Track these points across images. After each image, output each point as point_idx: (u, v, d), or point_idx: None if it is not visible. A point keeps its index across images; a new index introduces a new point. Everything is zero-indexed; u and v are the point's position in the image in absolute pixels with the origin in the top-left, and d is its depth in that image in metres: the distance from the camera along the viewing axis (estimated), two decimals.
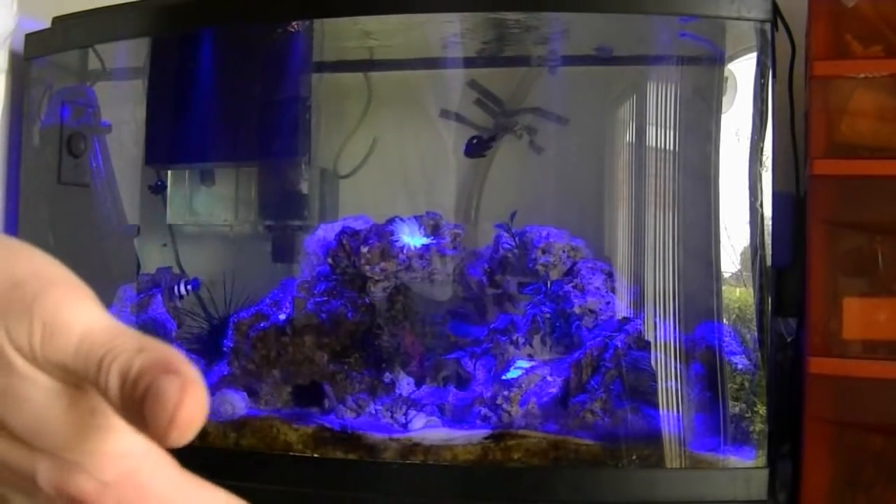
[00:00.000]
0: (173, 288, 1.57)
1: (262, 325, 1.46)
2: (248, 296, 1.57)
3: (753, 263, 1.27)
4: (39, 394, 0.37)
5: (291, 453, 1.33)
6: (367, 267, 1.44)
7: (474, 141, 1.51)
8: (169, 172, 1.70)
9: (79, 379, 0.37)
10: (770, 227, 1.25)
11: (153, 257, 1.68)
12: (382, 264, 1.43)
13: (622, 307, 1.39)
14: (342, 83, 1.73)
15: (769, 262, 1.26)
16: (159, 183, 1.68)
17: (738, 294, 1.29)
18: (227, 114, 1.67)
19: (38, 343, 0.37)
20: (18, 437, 0.37)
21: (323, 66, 1.68)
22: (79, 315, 0.37)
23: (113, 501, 0.37)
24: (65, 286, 0.38)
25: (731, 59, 1.32)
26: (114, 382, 0.35)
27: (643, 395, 1.30)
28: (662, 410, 1.28)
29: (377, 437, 1.31)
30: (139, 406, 0.34)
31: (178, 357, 0.36)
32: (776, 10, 1.26)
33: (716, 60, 1.33)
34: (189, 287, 1.58)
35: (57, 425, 0.37)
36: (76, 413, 0.38)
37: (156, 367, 0.35)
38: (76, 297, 0.38)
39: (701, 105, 1.35)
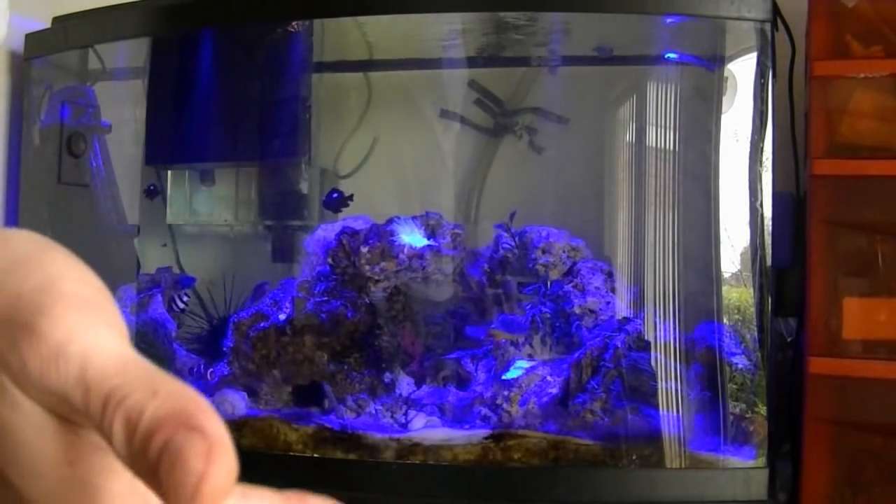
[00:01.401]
0: (173, 300, 1.57)
1: (262, 325, 1.46)
2: (248, 294, 1.57)
3: (753, 263, 1.27)
4: (29, 428, 0.31)
5: (291, 453, 1.33)
6: (367, 267, 1.43)
7: (335, 195, 1.54)
8: (169, 172, 1.70)
9: (78, 416, 0.31)
10: (770, 227, 1.25)
11: (153, 257, 1.68)
12: (382, 264, 1.43)
13: (622, 307, 1.39)
14: (342, 83, 1.73)
15: (769, 262, 1.26)
16: (152, 187, 1.68)
17: (738, 294, 1.29)
18: (227, 114, 1.67)
19: (34, 367, 0.30)
20: (5, 476, 0.31)
21: (323, 66, 1.68)
22: (86, 337, 0.31)
23: None
24: (77, 301, 0.32)
25: (731, 59, 1.32)
26: (119, 429, 0.29)
27: (643, 395, 1.29)
28: (662, 410, 1.28)
29: (377, 437, 1.31)
30: (153, 467, 0.28)
31: (200, 405, 0.29)
32: (776, 10, 1.26)
33: (710, 66, 1.33)
34: (185, 298, 1.58)
35: (43, 469, 0.31)
36: (69, 458, 0.31)
37: (174, 420, 0.28)
38: (87, 315, 0.32)
39: (701, 105, 1.35)
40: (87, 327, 0.31)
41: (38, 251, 0.34)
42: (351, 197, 1.56)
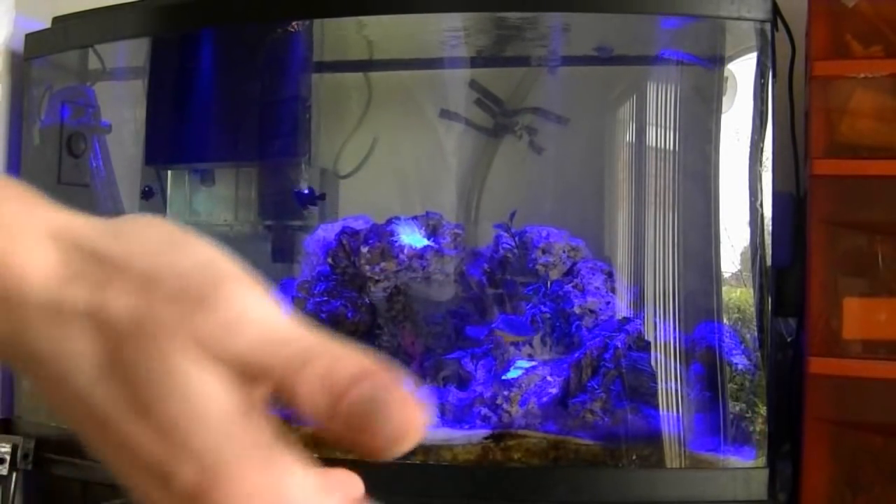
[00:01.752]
0: None
1: None
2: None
3: (753, 263, 1.27)
4: (204, 389, 0.33)
5: None
6: (367, 267, 1.44)
7: (306, 192, 1.58)
8: (169, 172, 1.69)
9: (260, 377, 0.33)
10: (770, 227, 1.25)
11: None
12: (382, 264, 1.43)
13: (622, 307, 1.39)
14: (342, 83, 1.73)
15: (769, 262, 1.26)
16: (147, 188, 1.68)
17: (738, 294, 1.29)
18: (227, 114, 1.67)
19: (211, 337, 0.33)
20: (161, 430, 0.33)
21: (323, 66, 1.68)
22: (260, 309, 0.34)
23: None
24: (240, 277, 0.35)
25: (731, 59, 1.32)
26: (309, 389, 0.32)
27: (643, 395, 1.30)
28: (662, 410, 1.28)
29: None
30: (349, 419, 0.32)
31: (381, 365, 0.33)
32: (776, 10, 1.26)
33: (710, 66, 1.33)
34: None
35: (214, 427, 0.33)
36: (239, 418, 0.33)
37: (365, 378, 0.32)
38: (253, 289, 0.35)
39: (701, 105, 1.35)
40: (258, 300, 0.34)
41: (180, 234, 0.36)
42: (322, 196, 1.57)
